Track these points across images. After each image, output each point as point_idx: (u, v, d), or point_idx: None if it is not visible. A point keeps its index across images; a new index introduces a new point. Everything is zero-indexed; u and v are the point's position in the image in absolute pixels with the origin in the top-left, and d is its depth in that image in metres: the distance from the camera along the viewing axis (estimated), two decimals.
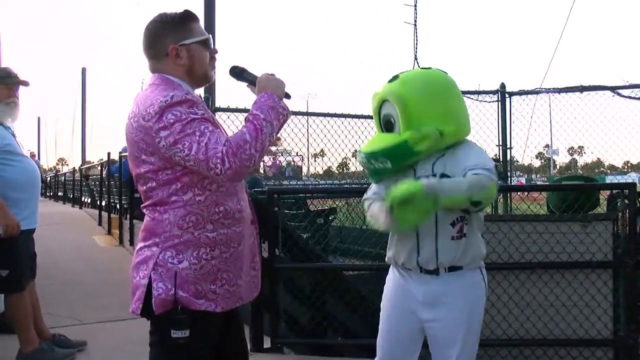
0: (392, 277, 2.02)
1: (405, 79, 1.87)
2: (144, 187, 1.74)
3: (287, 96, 1.77)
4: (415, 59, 6.58)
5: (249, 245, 1.84)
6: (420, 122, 1.80)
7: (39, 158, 20.57)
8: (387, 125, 1.90)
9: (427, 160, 1.86)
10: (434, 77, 1.90)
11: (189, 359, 1.73)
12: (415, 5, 6.55)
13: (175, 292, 1.66)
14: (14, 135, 3.29)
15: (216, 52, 1.86)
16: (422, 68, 2.11)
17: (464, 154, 1.85)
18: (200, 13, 5.30)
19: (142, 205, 1.79)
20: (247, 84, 1.83)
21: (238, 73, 1.85)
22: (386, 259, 2.02)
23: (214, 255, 1.71)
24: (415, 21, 6.56)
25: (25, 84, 3.35)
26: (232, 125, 5.16)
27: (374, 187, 2.01)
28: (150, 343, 1.78)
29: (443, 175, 1.81)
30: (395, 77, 1.89)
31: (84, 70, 23.92)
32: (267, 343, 3.59)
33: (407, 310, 1.93)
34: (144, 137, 1.66)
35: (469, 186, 1.69)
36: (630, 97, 5.70)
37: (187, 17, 1.80)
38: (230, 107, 5.16)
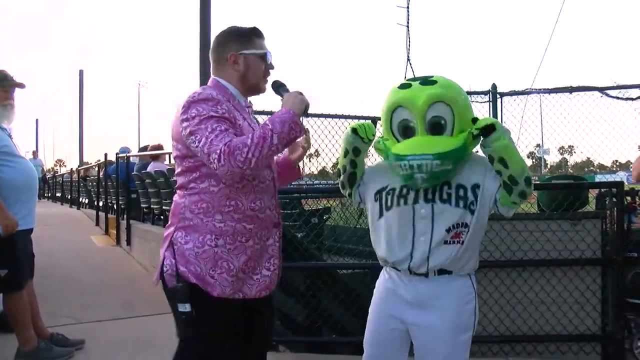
0: (382, 281, 2.03)
1: (446, 84, 1.87)
2: (176, 171, 1.98)
3: (306, 115, 1.92)
4: (408, 60, 6.62)
5: (266, 246, 1.97)
6: (466, 127, 1.83)
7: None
8: (435, 128, 1.85)
9: None
10: (459, 86, 1.94)
11: (196, 337, 1.87)
12: (408, 7, 6.60)
13: (177, 267, 1.85)
14: (10, 137, 3.33)
15: (272, 67, 2.05)
16: (438, 76, 2.01)
17: (469, 166, 1.89)
18: (195, 13, 5.35)
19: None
20: (280, 97, 1.98)
21: (277, 86, 2.04)
22: (378, 258, 2.02)
23: (218, 244, 1.86)
24: (408, 23, 6.60)
25: (22, 86, 3.39)
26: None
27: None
28: None
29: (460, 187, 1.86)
30: (428, 81, 1.87)
31: (81, 73, 23.90)
32: None
33: (394, 315, 1.94)
34: (175, 126, 1.89)
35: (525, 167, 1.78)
36: (618, 98, 5.76)
37: (253, 32, 2.02)
38: None
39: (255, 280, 1.94)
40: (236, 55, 1.97)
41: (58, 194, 21.30)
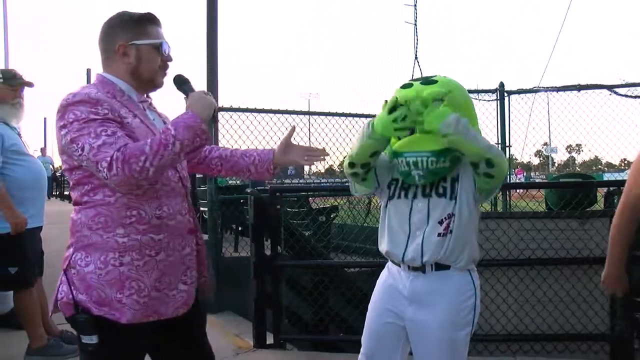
0: (383, 277, 2.04)
1: (447, 84, 1.90)
2: (70, 185, 1.73)
3: (214, 119, 1.72)
4: (416, 58, 6.62)
5: (181, 257, 1.73)
6: None
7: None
8: None
9: None
10: (460, 85, 1.96)
11: None
12: (415, 5, 6.60)
13: (75, 295, 1.62)
14: (19, 136, 3.35)
15: (170, 59, 1.79)
16: (440, 76, 2.04)
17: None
18: (202, 11, 5.35)
19: None
20: (184, 96, 1.76)
21: (180, 82, 1.79)
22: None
23: (123, 262, 1.61)
24: (416, 21, 6.61)
25: (30, 85, 3.41)
26: (234, 124, 5.22)
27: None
28: None
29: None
30: (429, 80, 1.91)
31: (88, 71, 23.96)
32: (269, 339, 3.64)
33: (391, 310, 1.94)
34: (57, 136, 1.65)
35: (490, 145, 1.79)
36: (626, 96, 5.74)
37: (146, 18, 1.75)
38: (233, 106, 5.21)
39: (172, 298, 1.70)
40: (125, 45, 1.70)
41: (66, 193, 21.35)
